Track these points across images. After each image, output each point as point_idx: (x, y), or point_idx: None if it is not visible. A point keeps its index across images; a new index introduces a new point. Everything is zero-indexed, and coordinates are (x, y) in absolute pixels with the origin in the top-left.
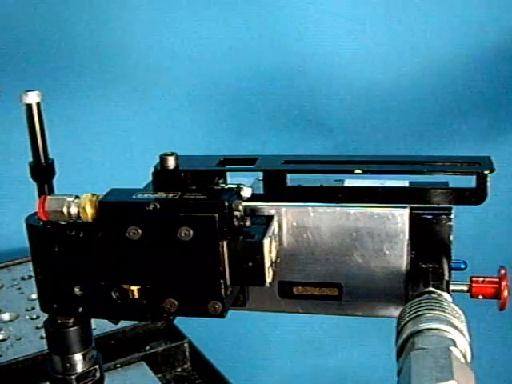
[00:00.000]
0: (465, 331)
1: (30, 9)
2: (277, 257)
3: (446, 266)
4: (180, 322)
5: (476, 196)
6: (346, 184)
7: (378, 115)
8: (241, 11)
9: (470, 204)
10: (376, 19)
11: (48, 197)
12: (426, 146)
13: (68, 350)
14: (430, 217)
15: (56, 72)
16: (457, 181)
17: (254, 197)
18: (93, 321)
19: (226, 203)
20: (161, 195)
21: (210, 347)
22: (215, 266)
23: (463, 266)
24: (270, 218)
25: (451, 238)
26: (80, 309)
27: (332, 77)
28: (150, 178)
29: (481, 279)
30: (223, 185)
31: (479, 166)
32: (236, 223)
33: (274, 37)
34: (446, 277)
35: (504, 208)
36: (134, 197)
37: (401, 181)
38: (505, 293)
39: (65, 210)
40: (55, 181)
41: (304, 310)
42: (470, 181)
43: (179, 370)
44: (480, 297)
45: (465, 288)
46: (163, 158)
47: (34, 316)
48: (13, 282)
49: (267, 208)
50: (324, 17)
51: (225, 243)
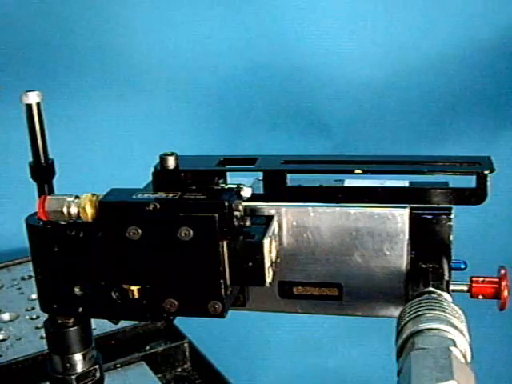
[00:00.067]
0: (465, 331)
1: (31, 9)
2: (277, 257)
3: (446, 266)
4: (180, 322)
5: (476, 196)
6: (346, 184)
7: (378, 115)
8: (240, 11)
9: (470, 204)
10: (375, 18)
11: (48, 197)
12: (426, 146)
13: (68, 350)
14: (430, 217)
15: (56, 72)
16: (457, 181)
17: (254, 197)
18: (93, 321)
19: (226, 203)
20: (161, 195)
21: (210, 347)
22: (215, 266)
23: (463, 266)
24: (270, 218)
25: (451, 238)
26: (80, 309)
27: (331, 76)
28: (150, 178)
29: (481, 279)
30: (223, 185)
31: (479, 166)
32: (236, 223)
33: (274, 36)
34: (446, 277)
35: (504, 208)
36: (134, 197)
37: (401, 181)
38: (505, 293)
39: (65, 210)
40: (55, 181)
41: (304, 310)
42: (470, 181)
43: (179, 370)
44: (480, 297)
45: (465, 288)
46: (163, 158)
47: (34, 316)
48: (13, 282)
49: (267, 208)
50: (323, 16)
51: (225, 243)
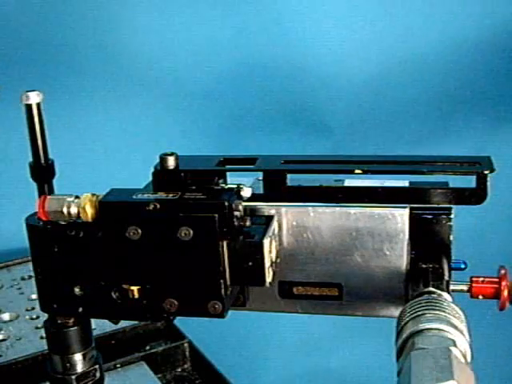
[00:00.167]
0: (465, 331)
1: (31, 9)
2: (277, 257)
3: (446, 266)
4: (180, 322)
5: (476, 196)
6: (346, 184)
7: (378, 115)
8: (240, 11)
9: (470, 204)
10: (375, 18)
11: (48, 197)
12: (426, 146)
13: (68, 350)
14: (430, 217)
15: (56, 72)
16: (457, 181)
17: (254, 197)
18: (93, 321)
19: (226, 203)
20: (161, 195)
21: (210, 347)
22: (215, 266)
23: (463, 266)
24: (270, 218)
25: (451, 238)
26: (80, 309)
27: (332, 76)
28: (150, 178)
29: (481, 279)
30: (223, 185)
31: (479, 166)
32: (236, 223)
33: (274, 36)
34: (446, 277)
35: (504, 208)
36: (134, 197)
37: (401, 181)
38: (505, 293)
39: (65, 210)
40: (55, 181)
41: (304, 310)
42: (470, 181)
43: (179, 370)
44: (480, 297)
45: (465, 288)
46: (163, 158)
47: (34, 316)
48: (13, 282)
49: (267, 208)
50: (323, 16)
51: (225, 243)
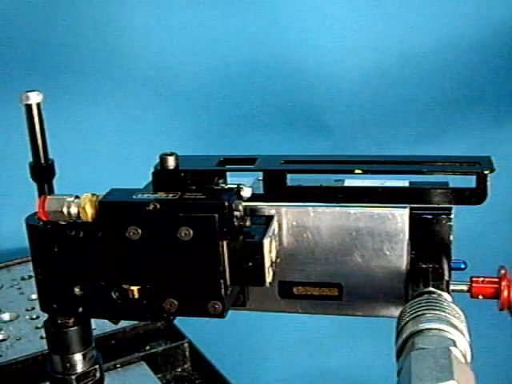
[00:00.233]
0: (465, 331)
1: (31, 9)
2: (277, 257)
3: (446, 266)
4: (180, 322)
5: (476, 196)
6: (346, 184)
7: (378, 115)
8: (240, 11)
9: (470, 204)
10: (375, 18)
11: (48, 197)
12: (426, 146)
13: (68, 350)
14: (430, 217)
15: (56, 72)
16: (457, 181)
17: (254, 197)
18: (93, 321)
19: (226, 203)
20: (161, 195)
21: (210, 347)
22: (215, 266)
23: (463, 266)
24: (270, 218)
25: (451, 238)
26: (80, 309)
27: (332, 76)
28: (150, 178)
29: (481, 279)
30: (223, 185)
31: (479, 166)
32: (236, 223)
33: (274, 36)
34: (446, 277)
35: (504, 208)
36: (134, 197)
37: (401, 181)
38: (505, 293)
39: (65, 210)
40: (55, 181)
41: (304, 310)
42: (470, 181)
43: (179, 370)
44: (480, 297)
45: (465, 288)
46: (163, 158)
47: (34, 316)
48: (13, 282)
49: (267, 208)
50: (323, 16)
51: (225, 243)
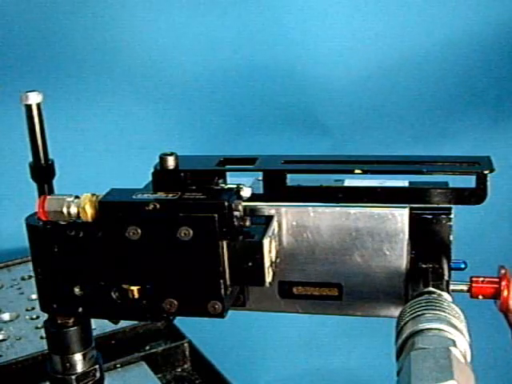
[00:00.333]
0: (465, 331)
1: (31, 9)
2: (276, 257)
3: (446, 266)
4: (180, 322)
5: (476, 196)
6: (346, 184)
7: (377, 115)
8: (240, 11)
9: (470, 204)
10: (375, 18)
11: (48, 197)
12: (426, 146)
13: (68, 350)
14: (430, 217)
15: (57, 72)
16: (457, 181)
17: (254, 197)
18: (93, 321)
19: (226, 203)
20: (160, 195)
21: (210, 347)
22: (215, 266)
23: (463, 266)
24: (270, 218)
25: (451, 238)
26: (80, 309)
27: (331, 76)
28: (150, 178)
29: (481, 279)
30: (223, 185)
31: (479, 166)
32: (236, 223)
33: (274, 36)
34: (446, 277)
35: (504, 208)
36: (134, 197)
37: (400, 181)
38: (504, 293)
39: (65, 210)
40: (55, 181)
41: (304, 310)
42: (470, 181)
43: (179, 370)
44: (480, 297)
45: (465, 288)
46: (163, 158)
47: (34, 316)
48: (13, 282)
49: (267, 208)
50: (323, 16)
51: (224, 243)
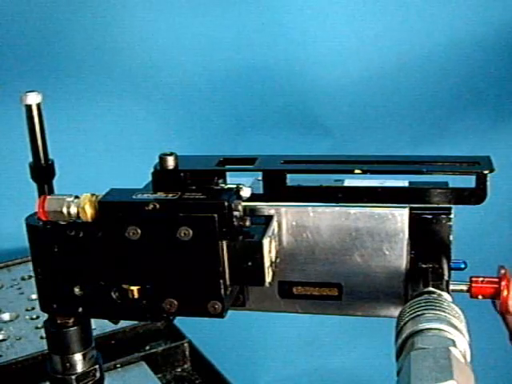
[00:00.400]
0: (464, 331)
1: (31, 9)
2: (276, 257)
3: (446, 266)
4: (180, 322)
5: (476, 196)
6: (346, 184)
7: (377, 115)
8: (239, 11)
9: (470, 204)
10: (375, 18)
11: (48, 197)
12: (426, 146)
13: (68, 350)
14: (430, 217)
15: (56, 72)
16: (456, 181)
17: (254, 197)
18: (93, 321)
19: (226, 203)
20: (160, 195)
21: (210, 347)
22: (215, 266)
23: (463, 266)
24: (270, 218)
25: (451, 238)
26: (80, 309)
27: (331, 76)
28: (150, 178)
29: (480, 279)
30: (223, 185)
31: (479, 166)
32: (236, 223)
33: (274, 36)
34: (446, 277)
35: (504, 208)
36: (134, 197)
37: (400, 181)
38: (504, 293)
39: (64, 210)
40: (55, 181)
41: (304, 310)
42: (470, 181)
43: (179, 370)
44: (480, 297)
45: (464, 288)
46: (163, 158)
47: (34, 316)
48: (13, 282)
49: (267, 208)
50: (323, 16)
51: (224, 243)
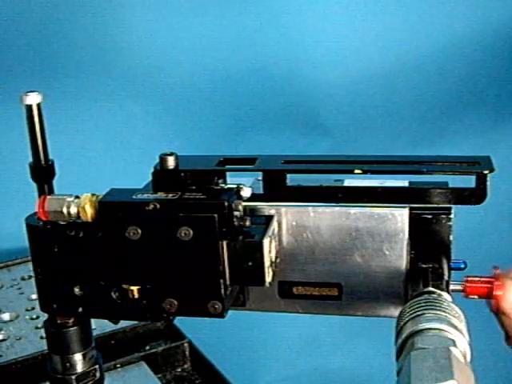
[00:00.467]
0: (464, 331)
1: (31, 10)
2: (276, 257)
3: (446, 266)
4: (180, 322)
5: (476, 196)
6: (346, 184)
7: (377, 115)
8: (239, 11)
9: (470, 204)
10: (375, 18)
11: (48, 197)
12: (426, 146)
13: (68, 350)
14: (430, 217)
15: (56, 73)
16: (456, 181)
17: (254, 197)
18: (93, 321)
19: (226, 203)
20: (160, 195)
21: (210, 347)
22: (215, 266)
23: (463, 266)
24: (270, 218)
25: (451, 238)
26: (80, 309)
27: (331, 76)
28: (150, 178)
29: (476, 279)
30: (223, 185)
31: (479, 166)
32: (236, 223)
33: (274, 37)
34: (446, 277)
35: (504, 208)
36: (134, 197)
37: (400, 181)
38: (497, 292)
39: (65, 210)
40: (55, 181)
41: (304, 310)
42: (470, 181)
43: (179, 370)
44: (475, 296)
45: (460, 288)
46: (163, 158)
47: (34, 316)
48: (13, 282)
49: (267, 208)
50: (323, 17)
51: (224, 243)
